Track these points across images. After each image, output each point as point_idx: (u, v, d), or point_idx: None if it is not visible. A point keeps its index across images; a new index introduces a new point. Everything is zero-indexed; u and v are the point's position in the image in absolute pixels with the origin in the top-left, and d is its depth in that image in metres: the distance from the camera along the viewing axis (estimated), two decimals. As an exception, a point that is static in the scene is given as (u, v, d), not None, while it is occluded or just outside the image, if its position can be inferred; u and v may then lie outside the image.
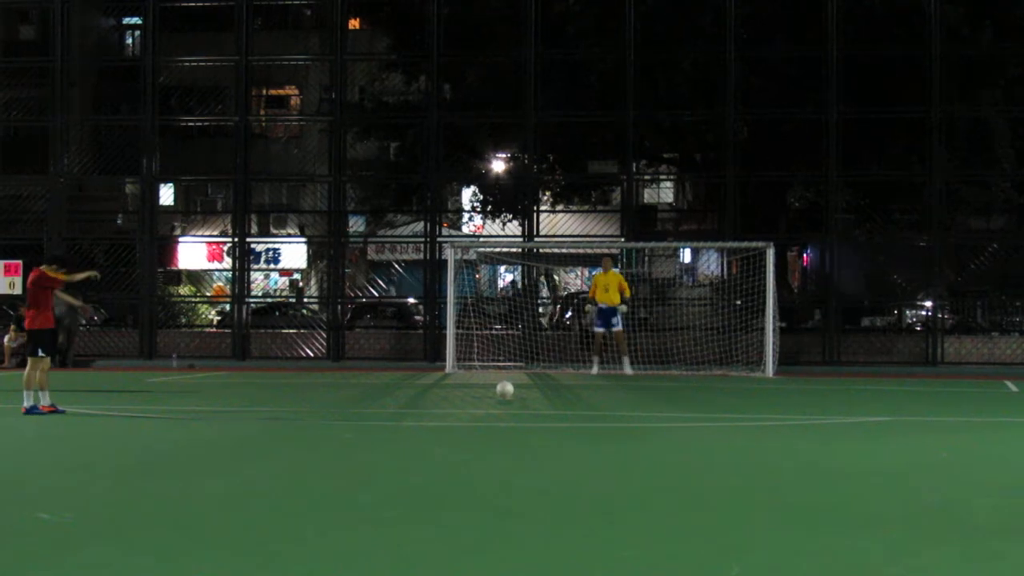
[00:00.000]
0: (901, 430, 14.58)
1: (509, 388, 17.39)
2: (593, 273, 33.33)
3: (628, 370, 24.57)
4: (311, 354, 29.58)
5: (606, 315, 24.56)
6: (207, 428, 14.70)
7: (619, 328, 24.66)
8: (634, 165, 30.19)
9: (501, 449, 12.48)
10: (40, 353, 15.69)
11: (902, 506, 8.86)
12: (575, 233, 31.72)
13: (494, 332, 28.52)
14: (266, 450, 12.30)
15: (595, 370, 24.74)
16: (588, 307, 25.37)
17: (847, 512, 8.51)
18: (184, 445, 12.80)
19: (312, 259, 38.66)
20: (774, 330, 24.74)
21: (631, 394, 20.46)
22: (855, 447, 12.67)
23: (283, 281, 40.99)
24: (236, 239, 30.12)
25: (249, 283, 31.29)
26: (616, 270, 25.81)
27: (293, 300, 37.96)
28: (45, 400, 15.50)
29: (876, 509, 8.67)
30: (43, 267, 16.15)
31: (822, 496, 9.28)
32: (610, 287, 24.60)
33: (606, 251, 28.05)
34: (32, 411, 15.31)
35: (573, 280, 40.88)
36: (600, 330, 24.84)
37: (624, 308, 24.62)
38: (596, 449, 12.43)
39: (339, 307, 30.28)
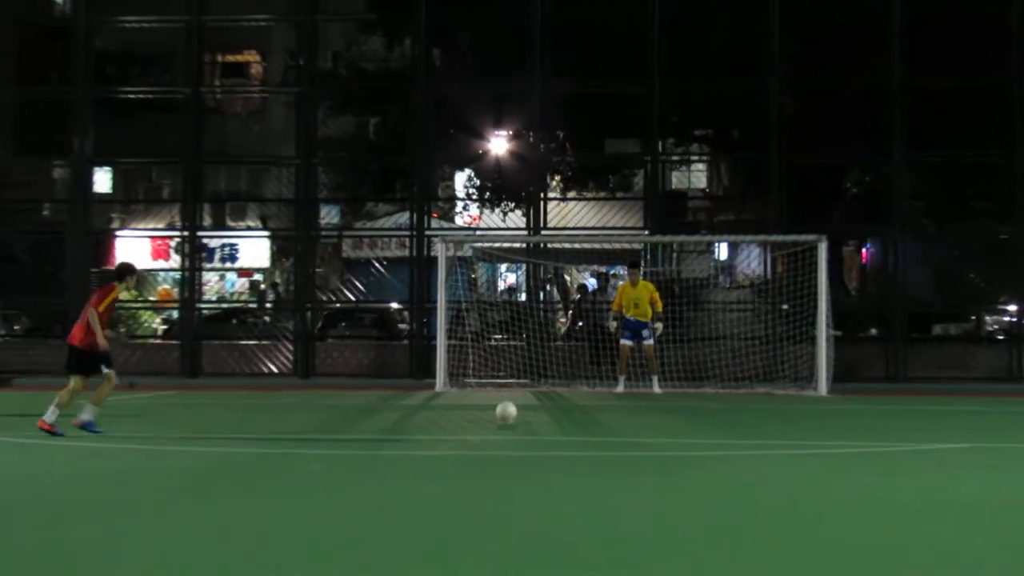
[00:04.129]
0: (981, 459, 14.61)
1: (511, 410, 17.40)
2: (612, 271, 33.25)
3: (656, 389, 24.80)
4: (275, 369, 29.66)
5: (635, 327, 24.79)
6: (145, 459, 14.67)
7: (649, 342, 24.94)
8: (660, 144, 30.23)
9: (502, 483, 12.45)
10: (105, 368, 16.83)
11: (981, 549, 8.83)
12: (590, 225, 31.68)
13: (494, 343, 28.54)
14: (215, 485, 12.28)
15: (620, 388, 25.04)
16: (614, 323, 25.43)
17: (918, 555, 8.48)
18: (115, 480, 12.74)
19: (276, 257, 38.73)
20: (828, 340, 24.76)
21: (658, 417, 20.55)
22: (926, 480, 12.66)
23: (241, 283, 41.01)
24: (186, 233, 30.16)
25: (201, 285, 31.34)
26: (641, 278, 25.79)
27: (253, 306, 38.01)
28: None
29: (951, 551, 8.66)
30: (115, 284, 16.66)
31: (887, 537, 9.22)
32: (640, 301, 25.04)
33: (627, 245, 28.01)
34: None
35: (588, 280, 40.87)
36: (628, 343, 25.09)
37: (659, 326, 24.89)
38: (617, 484, 12.39)
39: (308, 314, 30.33)
